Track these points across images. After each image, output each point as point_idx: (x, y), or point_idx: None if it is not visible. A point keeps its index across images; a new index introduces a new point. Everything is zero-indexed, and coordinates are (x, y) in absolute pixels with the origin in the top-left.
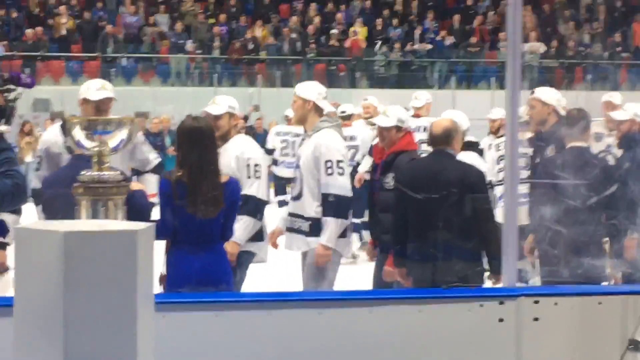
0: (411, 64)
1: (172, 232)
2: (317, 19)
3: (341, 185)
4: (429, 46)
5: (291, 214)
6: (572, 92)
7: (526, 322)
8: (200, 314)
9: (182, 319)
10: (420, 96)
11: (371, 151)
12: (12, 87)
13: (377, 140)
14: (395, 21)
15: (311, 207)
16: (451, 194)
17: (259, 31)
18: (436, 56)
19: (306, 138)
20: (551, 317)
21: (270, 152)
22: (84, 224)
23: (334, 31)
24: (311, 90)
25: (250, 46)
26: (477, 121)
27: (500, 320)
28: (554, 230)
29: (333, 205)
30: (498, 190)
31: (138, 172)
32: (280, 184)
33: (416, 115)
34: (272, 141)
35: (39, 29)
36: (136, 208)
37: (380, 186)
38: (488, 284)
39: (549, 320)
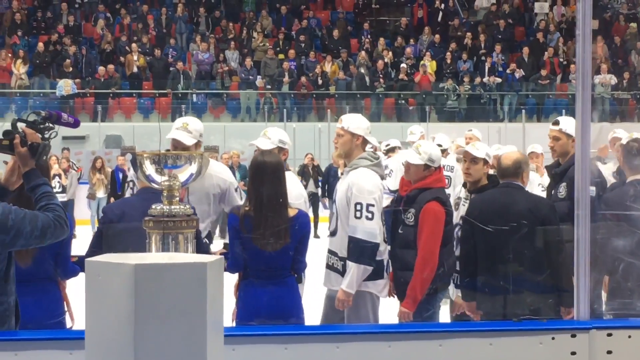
0: (481, 97)
1: (242, 266)
2: (386, 54)
3: (367, 231)
4: (499, 79)
5: (329, 251)
6: None
7: (599, 355)
8: (270, 347)
9: (251, 351)
10: (415, 130)
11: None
12: (50, 125)
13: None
14: (464, 55)
15: (344, 247)
16: (521, 226)
17: (328, 66)
18: (506, 89)
19: (345, 173)
20: (624, 350)
21: None
22: (154, 256)
23: (403, 65)
24: (361, 124)
25: (320, 81)
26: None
27: (573, 353)
28: (627, 262)
29: (357, 250)
30: None
31: None
32: None
33: None
34: None
35: (111, 66)
36: None
37: (401, 221)
38: None
39: (623, 353)
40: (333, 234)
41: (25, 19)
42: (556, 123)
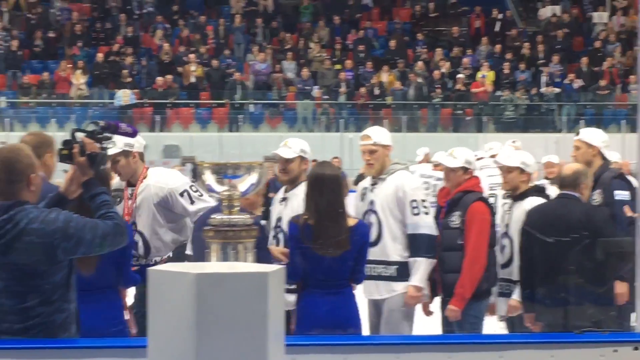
0: (538, 107)
1: (301, 275)
2: (443, 64)
3: (428, 225)
4: (557, 89)
5: (370, 261)
6: None
7: None
8: (330, 357)
9: None
10: (494, 145)
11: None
12: (109, 135)
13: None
14: (522, 65)
15: (395, 251)
16: (578, 237)
17: (385, 76)
18: (564, 99)
19: (378, 182)
20: None
21: None
22: (214, 265)
23: (460, 75)
24: (387, 135)
25: (377, 91)
26: None
27: None
28: None
29: (423, 245)
30: None
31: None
32: None
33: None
34: None
35: (169, 77)
36: None
37: (445, 225)
38: None
39: None
40: (375, 243)
41: (84, 30)
42: (577, 133)
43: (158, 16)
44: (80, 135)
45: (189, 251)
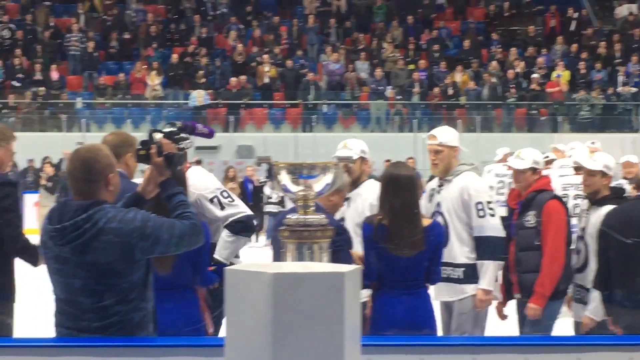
0: (615, 107)
1: (376, 276)
2: (517, 63)
3: (495, 226)
4: (634, 89)
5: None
6: None
7: None
8: (406, 357)
9: None
10: (575, 145)
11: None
12: (185, 135)
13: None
14: (597, 65)
15: (462, 253)
16: None
17: (458, 76)
18: None
19: (444, 183)
20: None
21: None
22: (291, 265)
23: (534, 75)
24: (454, 135)
25: (450, 91)
26: None
27: None
28: None
29: (490, 247)
30: None
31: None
32: None
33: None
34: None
35: (243, 77)
36: None
37: (520, 225)
38: None
39: None
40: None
41: (159, 32)
42: None
43: (232, 17)
44: (157, 136)
45: (216, 255)
